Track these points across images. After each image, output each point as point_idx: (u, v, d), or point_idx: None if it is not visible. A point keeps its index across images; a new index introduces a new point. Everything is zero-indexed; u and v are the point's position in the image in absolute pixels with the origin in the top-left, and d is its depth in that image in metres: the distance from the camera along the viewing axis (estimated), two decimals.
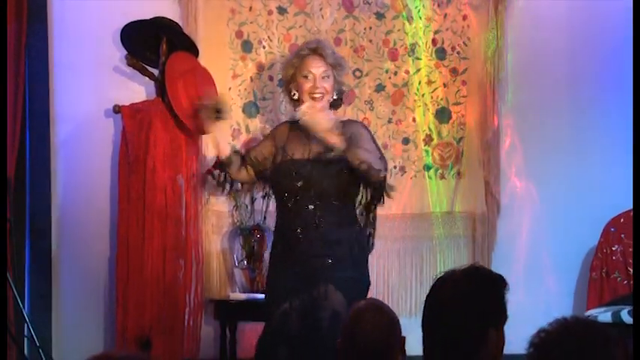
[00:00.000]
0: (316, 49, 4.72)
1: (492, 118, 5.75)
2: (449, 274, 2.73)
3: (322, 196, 4.56)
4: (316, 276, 4.50)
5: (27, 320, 4.86)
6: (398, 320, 3.22)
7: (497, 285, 2.69)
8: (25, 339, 5.03)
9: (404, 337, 3.16)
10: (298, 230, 4.55)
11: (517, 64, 5.79)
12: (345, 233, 4.60)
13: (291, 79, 4.73)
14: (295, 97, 4.71)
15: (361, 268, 4.63)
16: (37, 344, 4.83)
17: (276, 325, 4.53)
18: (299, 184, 4.56)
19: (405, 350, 3.18)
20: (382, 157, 4.70)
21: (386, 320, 3.18)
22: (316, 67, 4.67)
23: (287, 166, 4.64)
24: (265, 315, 4.65)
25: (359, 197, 4.70)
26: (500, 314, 2.67)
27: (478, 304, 2.64)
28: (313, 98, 4.66)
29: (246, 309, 5.24)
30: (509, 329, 2.81)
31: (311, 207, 4.55)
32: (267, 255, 5.04)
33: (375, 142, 4.75)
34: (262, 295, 4.88)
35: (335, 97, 4.76)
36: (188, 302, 5.20)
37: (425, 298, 2.73)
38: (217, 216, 5.50)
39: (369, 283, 4.67)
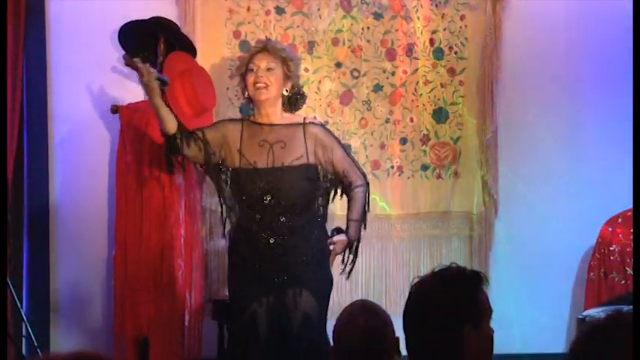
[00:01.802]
0: (265, 47, 4.69)
1: (490, 118, 5.75)
2: (420, 278, 2.69)
3: (292, 207, 4.54)
4: (288, 278, 4.51)
5: (25, 320, 4.87)
6: (391, 321, 3.19)
7: (467, 281, 2.64)
8: (24, 339, 5.04)
9: (398, 338, 3.13)
10: (270, 241, 4.53)
11: (514, 64, 5.79)
12: (315, 235, 4.62)
13: (242, 78, 4.70)
14: (246, 94, 4.69)
15: (327, 266, 4.67)
16: (36, 344, 4.83)
17: (245, 327, 4.52)
18: (267, 197, 4.54)
19: (400, 351, 3.16)
20: (358, 167, 4.75)
21: (378, 322, 3.16)
22: (261, 61, 4.63)
23: (251, 176, 4.57)
24: (230, 318, 4.66)
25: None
26: (475, 310, 2.62)
27: (446, 302, 2.59)
28: (257, 89, 4.62)
29: None
30: (507, 329, 2.81)
31: (282, 219, 4.53)
32: None
33: (344, 148, 4.74)
34: None
35: (289, 94, 4.69)
36: (189, 302, 5.20)
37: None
38: (215, 216, 5.49)
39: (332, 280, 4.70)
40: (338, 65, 5.67)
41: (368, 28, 5.70)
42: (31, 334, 4.81)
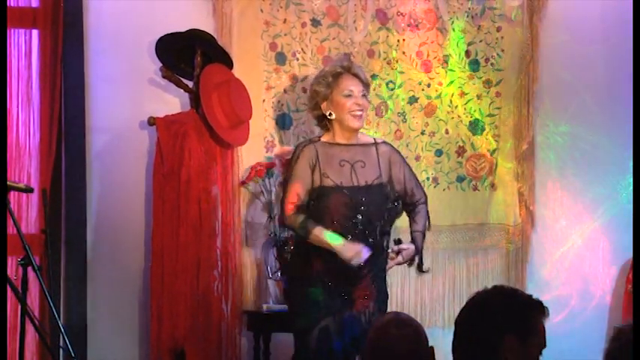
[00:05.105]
0: (350, 69, 4.72)
1: (527, 130, 5.74)
2: (476, 294, 2.81)
3: (380, 228, 4.62)
4: (365, 295, 4.60)
5: (62, 331, 4.88)
6: (423, 330, 3.20)
7: (515, 297, 2.79)
8: (61, 349, 5.06)
9: (432, 347, 3.14)
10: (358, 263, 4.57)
11: (551, 76, 5.77)
12: (384, 253, 4.71)
13: (323, 98, 4.70)
14: (332, 116, 4.68)
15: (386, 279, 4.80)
16: (73, 355, 4.84)
17: (316, 342, 4.54)
18: (358, 217, 4.58)
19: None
20: (420, 184, 4.87)
21: (410, 331, 3.16)
22: (355, 86, 4.68)
23: (339, 195, 4.60)
24: (296, 331, 4.69)
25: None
26: (520, 323, 2.72)
27: (493, 312, 2.73)
28: (354, 116, 4.66)
29: (280, 320, 5.23)
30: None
31: (371, 240, 4.58)
32: None
33: (409, 166, 4.84)
34: None
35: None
36: (226, 313, 5.22)
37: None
38: (251, 227, 5.51)
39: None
40: (373, 77, 5.66)
41: (403, 39, 5.71)
42: (69, 345, 4.82)
